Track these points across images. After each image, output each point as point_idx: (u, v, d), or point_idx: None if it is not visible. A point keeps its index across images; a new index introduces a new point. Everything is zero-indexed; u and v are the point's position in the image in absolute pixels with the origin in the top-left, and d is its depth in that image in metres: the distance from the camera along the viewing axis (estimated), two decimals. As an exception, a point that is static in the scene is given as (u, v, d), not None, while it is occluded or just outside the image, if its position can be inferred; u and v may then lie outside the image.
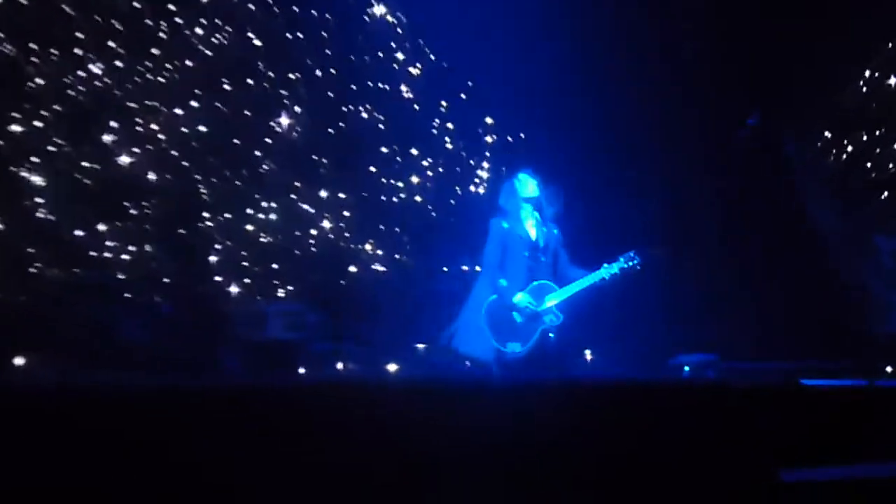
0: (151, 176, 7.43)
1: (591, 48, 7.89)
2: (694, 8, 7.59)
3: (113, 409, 3.19)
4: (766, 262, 7.58)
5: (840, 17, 6.86)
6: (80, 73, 7.12)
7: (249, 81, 7.89)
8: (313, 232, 8.03)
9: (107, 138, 7.30)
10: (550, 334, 5.72)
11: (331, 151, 8.13)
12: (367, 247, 8.27)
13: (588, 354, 7.33)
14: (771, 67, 7.20)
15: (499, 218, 5.98)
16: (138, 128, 7.45)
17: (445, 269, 8.36)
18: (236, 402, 3.44)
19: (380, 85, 8.45)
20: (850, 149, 7.16)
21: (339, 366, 7.26)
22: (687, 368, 6.72)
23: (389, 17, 8.53)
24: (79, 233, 7.11)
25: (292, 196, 7.99)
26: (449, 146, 8.74)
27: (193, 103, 7.62)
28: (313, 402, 3.53)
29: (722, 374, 6.63)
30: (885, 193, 6.94)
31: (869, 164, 7.00)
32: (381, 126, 8.45)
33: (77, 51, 7.12)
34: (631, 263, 5.82)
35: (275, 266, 7.85)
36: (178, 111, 7.65)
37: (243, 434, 3.29)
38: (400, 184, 8.49)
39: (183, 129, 7.63)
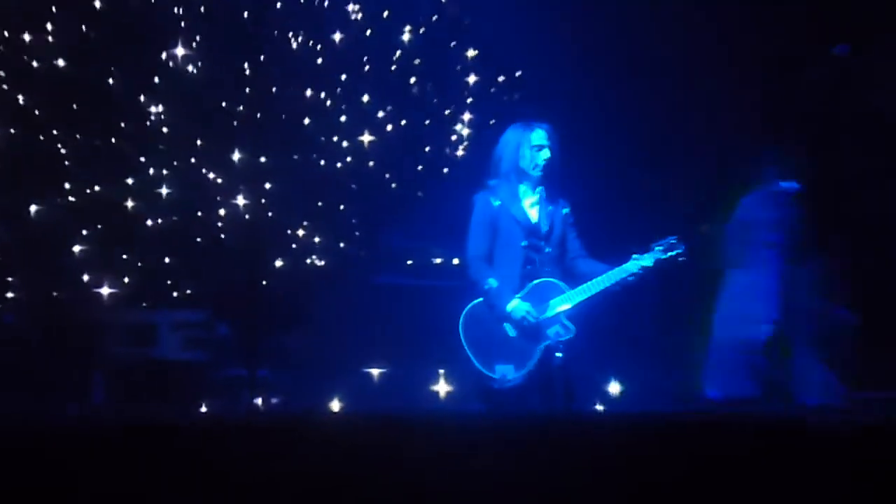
0: (-14, 131, 7.34)
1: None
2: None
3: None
4: (861, 252, 7.59)
5: None
6: None
7: (128, -6, 7.81)
8: (222, 211, 7.96)
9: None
10: (557, 353, 5.68)
11: (246, 96, 8.04)
12: (300, 231, 8.21)
13: (613, 385, 7.33)
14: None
15: (486, 191, 5.95)
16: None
17: (410, 262, 8.32)
18: (110, 447, 3.44)
19: (315, 1, 8.37)
20: None
21: (259, 400, 7.23)
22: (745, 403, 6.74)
23: None
24: None
25: (192, 159, 7.91)
26: (415, 90, 8.67)
27: (48, 26, 7.51)
28: (219, 449, 3.51)
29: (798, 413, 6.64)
30: None
31: None
32: (318, 60, 8.36)
33: None
34: (672, 253, 5.80)
35: (167, 259, 7.78)
36: (27, 37, 7.53)
37: (118, 492, 3.25)
38: (345, 143, 8.41)
39: (33, 63, 7.51)
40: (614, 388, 7.20)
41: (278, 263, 8.05)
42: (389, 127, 8.53)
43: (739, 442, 3.62)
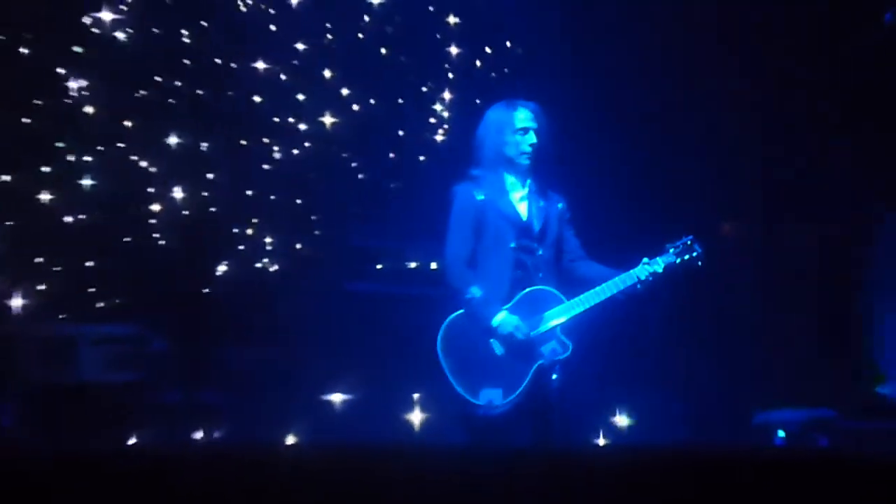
0: None
1: None
2: None
3: None
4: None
5: None
6: None
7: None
8: (156, 206, 7.93)
9: None
10: (553, 375, 5.70)
11: (186, 70, 8.02)
12: (249, 230, 8.21)
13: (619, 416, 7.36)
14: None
15: (468, 183, 5.95)
16: None
17: (380, 266, 8.34)
18: (20, 483, 3.45)
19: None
20: None
21: (199, 434, 7.20)
22: (783, 433, 6.77)
23: None
24: None
25: (119, 144, 7.86)
26: (386, 63, 8.66)
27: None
28: (152, 488, 3.50)
29: (843, 442, 6.70)
30: None
31: None
32: (271, 27, 8.36)
33: None
34: (687, 257, 5.82)
35: (90, 263, 7.74)
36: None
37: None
38: (303, 126, 8.42)
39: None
40: (619, 417, 7.22)
41: (223, 268, 8.05)
42: (356, 107, 8.54)
43: (765, 479, 3.63)
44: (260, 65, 8.26)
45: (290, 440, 7.15)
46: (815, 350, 7.57)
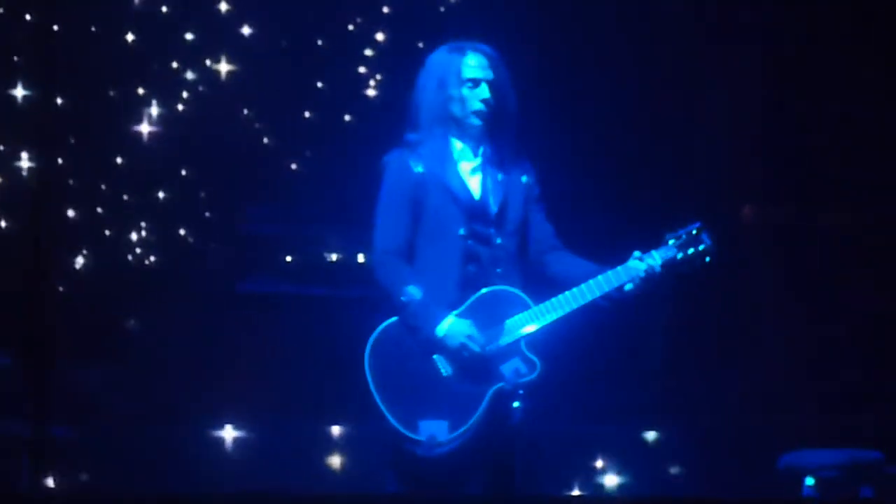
0: None
1: None
2: None
3: None
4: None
5: None
6: None
7: None
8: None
9: None
10: (516, 403, 5.61)
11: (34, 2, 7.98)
12: (115, 212, 8.21)
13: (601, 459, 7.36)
14: None
15: (404, 151, 5.86)
16: None
17: (289, 258, 8.32)
18: None
19: None
20: None
21: (48, 479, 7.13)
22: (811, 481, 6.78)
23: None
24: None
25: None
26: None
27: None
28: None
29: (891, 492, 6.72)
30: None
31: None
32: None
33: None
34: (691, 251, 5.75)
35: None
36: None
37: None
38: (190, 74, 8.43)
39: None
40: (601, 460, 7.21)
41: (80, 260, 8.02)
42: (260, 49, 8.48)
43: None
44: None
45: (168, 490, 7.07)
46: (859, 372, 7.60)
